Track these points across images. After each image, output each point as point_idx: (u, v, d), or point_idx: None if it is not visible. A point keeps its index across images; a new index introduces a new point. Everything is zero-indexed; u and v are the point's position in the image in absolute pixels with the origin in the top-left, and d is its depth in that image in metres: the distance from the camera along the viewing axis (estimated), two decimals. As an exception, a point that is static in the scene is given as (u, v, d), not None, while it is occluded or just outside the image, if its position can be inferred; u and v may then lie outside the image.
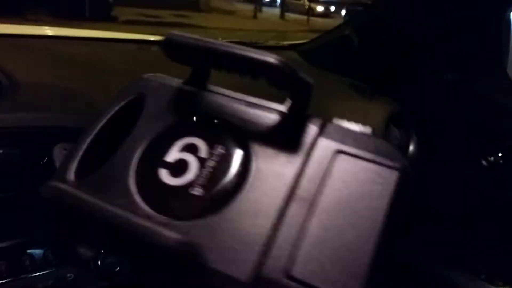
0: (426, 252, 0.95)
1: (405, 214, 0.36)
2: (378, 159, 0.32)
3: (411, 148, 0.95)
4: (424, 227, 0.94)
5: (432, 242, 0.96)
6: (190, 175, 0.32)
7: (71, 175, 0.33)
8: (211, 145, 0.32)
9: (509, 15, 0.88)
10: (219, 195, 0.30)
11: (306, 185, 0.31)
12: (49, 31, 1.08)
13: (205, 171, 0.32)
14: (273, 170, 0.31)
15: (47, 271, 0.48)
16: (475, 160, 0.89)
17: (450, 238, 0.94)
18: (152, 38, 1.11)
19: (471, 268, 0.90)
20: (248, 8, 11.88)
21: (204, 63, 0.37)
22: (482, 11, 0.88)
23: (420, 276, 0.95)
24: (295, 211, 0.30)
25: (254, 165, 0.32)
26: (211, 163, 0.32)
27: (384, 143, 0.33)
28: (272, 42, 1.33)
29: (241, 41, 1.28)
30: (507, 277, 0.88)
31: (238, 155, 0.32)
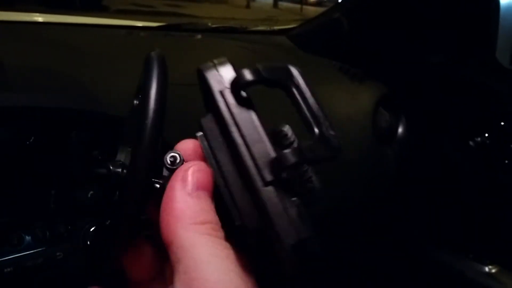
0: (415, 232, 0.97)
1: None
2: None
3: (400, 130, 0.96)
4: (413, 208, 0.95)
5: (420, 223, 0.97)
6: None
7: None
8: None
9: (498, 2, 0.88)
10: None
11: None
12: (38, 17, 1.08)
13: None
14: None
15: (36, 250, 0.48)
16: (462, 141, 0.90)
17: (438, 218, 0.95)
18: (140, 24, 1.11)
19: (459, 248, 0.91)
20: (241, -4, 11.79)
21: None
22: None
23: (409, 256, 0.96)
24: None
25: None
26: None
27: None
28: (262, 27, 1.33)
29: (232, 26, 1.28)
30: (495, 256, 0.89)
31: None
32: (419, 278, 0.95)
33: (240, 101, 0.31)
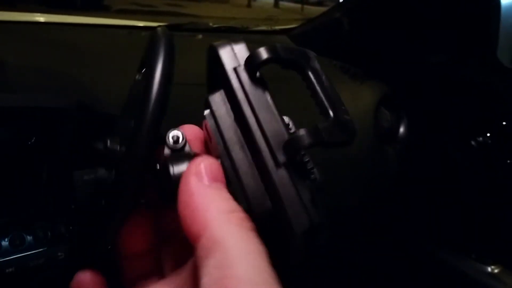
0: (418, 232, 0.97)
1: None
2: None
3: (401, 130, 0.96)
4: (414, 207, 0.95)
5: (421, 222, 0.97)
6: None
7: None
8: None
9: (499, 1, 0.88)
10: None
11: None
12: (39, 17, 1.08)
13: None
14: None
15: (37, 250, 0.48)
16: (464, 141, 0.90)
17: (439, 218, 0.95)
18: (141, 24, 1.11)
19: (461, 248, 0.91)
20: (242, -4, 11.78)
21: None
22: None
23: (409, 256, 0.96)
24: None
25: None
26: None
27: None
28: (263, 27, 1.32)
29: (233, 26, 1.28)
30: (497, 256, 0.89)
31: None
32: (420, 278, 0.95)
33: (254, 80, 0.30)
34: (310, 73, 0.30)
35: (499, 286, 0.85)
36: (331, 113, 0.28)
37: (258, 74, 0.30)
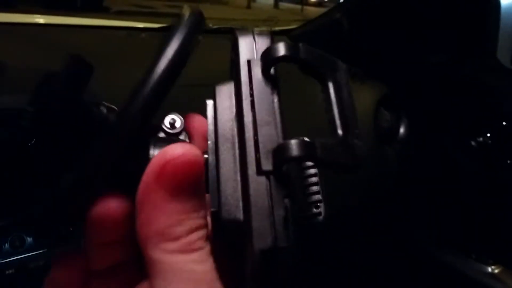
0: (418, 232, 0.97)
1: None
2: None
3: (401, 130, 0.96)
4: (414, 207, 0.95)
5: (423, 222, 0.97)
6: None
7: None
8: None
9: (499, 2, 0.88)
10: None
11: None
12: (39, 19, 1.08)
13: None
14: None
15: (38, 252, 0.48)
16: (463, 141, 0.90)
17: (439, 218, 0.95)
18: (141, 25, 1.11)
19: (461, 248, 0.91)
20: (242, -3, 11.79)
21: None
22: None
23: (411, 256, 0.96)
24: None
25: None
26: None
27: None
28: (263, 28, 1.33)
29: (233, 27, 1.28)
30: (498, 256, 0.89)
31: None
32: (420, 278, 0.95)
33: (266, 77, 0.27)
34: (330, 85, 0.27)
35: (500, 287, 0.85)
36: (339, 132, 0.25)
37: (272, 71, 0.27)
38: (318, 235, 0.27)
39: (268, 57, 0.27)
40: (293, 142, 0.23)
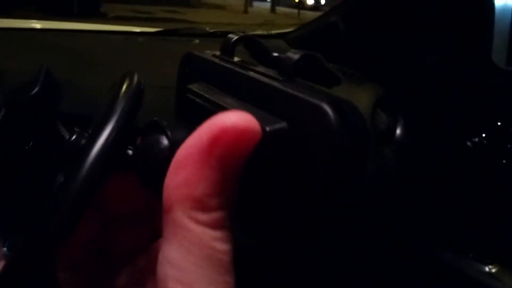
0: (415, 231, 0.97)
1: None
2: None
3: (398, 131, 0.96)
4: (413, 207, 0.95)
5: (420, 222, 0.97)
6: None
7: None
8: None
9: (493, 3, 0.88)
10: None
11: None
12: (36, 24, 1.08)
13: None
14: None
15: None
16: (460, 141, 0.90)
17: (437, 218, 0.95)
18: (138, 29, 1.12)
19: (459, 247, 0.91)
20: (239, 3, 11.84)
21: None
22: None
23: (408, 254, 0.96)
24: None
25: None
26: None
27: None
28: (260, 32, 1.33)
29: (230, 31, 1.29)
30: (495, 255, 0.89)
31: None
32: (417, 277, 0.95)
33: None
34: None
35: (497, 285, 0.86)
36: None
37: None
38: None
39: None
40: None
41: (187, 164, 0.22)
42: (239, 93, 0.26)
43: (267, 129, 0.22)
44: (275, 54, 0.29)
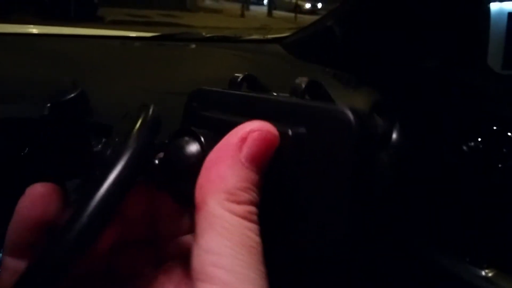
0: (411, 235, 0.97)
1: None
2: None
3: (394, 136, 0.96)
4: (409, 211, 0.95)
5: (416, 226, 0.97)
6: None
7: None
8: None
9: (488, 8, 0.89)
10: None
11: None
12: (33, 29, 1.08)
13: None
14: None
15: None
16: (456, 145, 0.90)
17: (434, 221, 0.95)
18: (134, 34, 1.12)
19: (455, 251, 0.91)
20: (235, 7, 11.86)
21: None
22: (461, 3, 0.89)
23: (404, 259, 0.96)
24: None
25: None
26: None
27: None
28: (256, 36, 1.33)
29: (226, 35, 1.29)
30: (492, 259, 0.89)
31: None
32: (413, 280, 0.95)
33: None
34: None
35: (494, 290, 0.86)
36: None
37: None
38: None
39: None
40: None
41: (219, 162, 0.25)
42: (254, 114, 0.28)
43: (290, 132, 0.26)
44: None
